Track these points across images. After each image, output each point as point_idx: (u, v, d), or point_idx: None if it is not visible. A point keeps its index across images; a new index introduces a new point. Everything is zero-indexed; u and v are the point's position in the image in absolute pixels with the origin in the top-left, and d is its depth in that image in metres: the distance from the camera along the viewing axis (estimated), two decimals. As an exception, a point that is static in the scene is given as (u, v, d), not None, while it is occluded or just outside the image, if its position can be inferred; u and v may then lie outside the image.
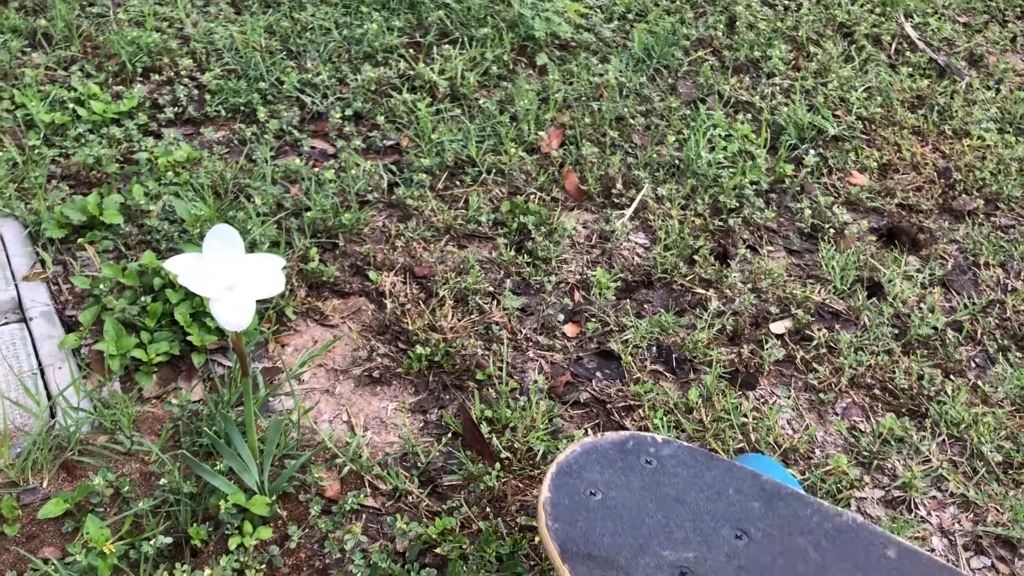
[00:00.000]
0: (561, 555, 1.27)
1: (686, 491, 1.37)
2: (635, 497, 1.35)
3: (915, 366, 1.97)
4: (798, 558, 1.28)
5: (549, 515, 1.31)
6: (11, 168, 2.23)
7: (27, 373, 1.76)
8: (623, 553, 1.27)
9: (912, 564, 1.29)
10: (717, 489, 1.37)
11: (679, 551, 1.28)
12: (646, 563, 1.26)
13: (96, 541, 1.47)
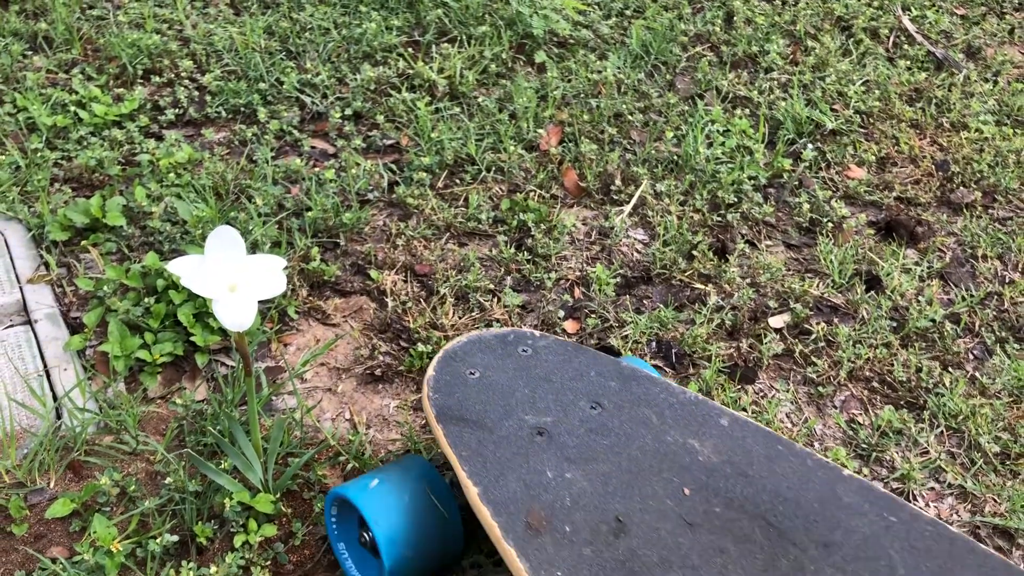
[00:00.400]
0: (437, 418, 1.46)
1: (553, 372, 1.57)
2: (508, 376, 1.55)
3: (913, 359, 1.98)
4: (641, 424, 1.48)
5: (431, 388, 1.51)
6: (14, 171, 2.25)
7: (33, 375, 1.78)
8: (490, 417, 1.47)
9: (740, 430, 1.49)
10: (581, 372, 1.57)
11: (540, 416, 1.48)
12: (509, 424, 1.46)
13: (103, 540, 1.49)
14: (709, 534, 1.31)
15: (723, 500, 1.37)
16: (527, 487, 1.36)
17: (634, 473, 1.39)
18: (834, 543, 1.32)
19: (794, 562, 1.29)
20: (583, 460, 1.40)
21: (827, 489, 1.40)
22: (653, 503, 1.35)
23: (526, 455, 1.41)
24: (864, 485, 1.42)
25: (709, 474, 1.41)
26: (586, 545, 1.28)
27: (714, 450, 1.45)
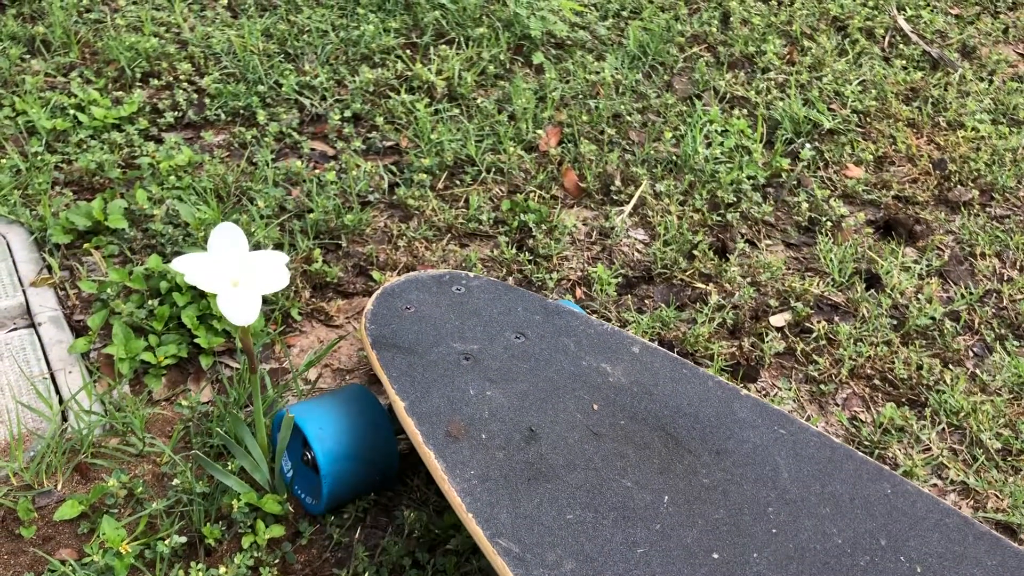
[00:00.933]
0: (372, 345, 1.58)
1: (483, 308, 1.70)
2: (441, 311, 1.67)
3: (914, 356, 2.00)
4: (560, 351, 1.61)
5: (369, 320, 1.64)
6: (15, 175, 2.25)
7: (38, 378, 1.78)
8: (421, 344, 1.59)
9: (650, 356, 1.63)
10: (509, 307, 1.71)
11: (467, 344, 1.60)
12: (438, 351, 1.58)
13: (112, 542, 1.49)
14: (612, 442, 1.45)
15: (628, 414, 1.50)
16: (450, 402, 1.49)
17: (549, 392, 1.53)
18: (726, 451, 1.46)
19: (688, 466, 1.42)
20: (504, 380, 1.54)
21: (724, 405, 1.54)
22: (564, 416, 1.48)
23: (451, 376, 1.53)
24: (758, 403, 1.56)
25: (617, 392, 1.54)
26: (499, 450, 1.42)
27: (624, 372, 1.58)
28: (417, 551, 1.59)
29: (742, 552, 1.32)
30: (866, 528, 1.38)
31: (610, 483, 1.39)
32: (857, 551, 1.34)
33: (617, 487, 1.38)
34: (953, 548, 1.36)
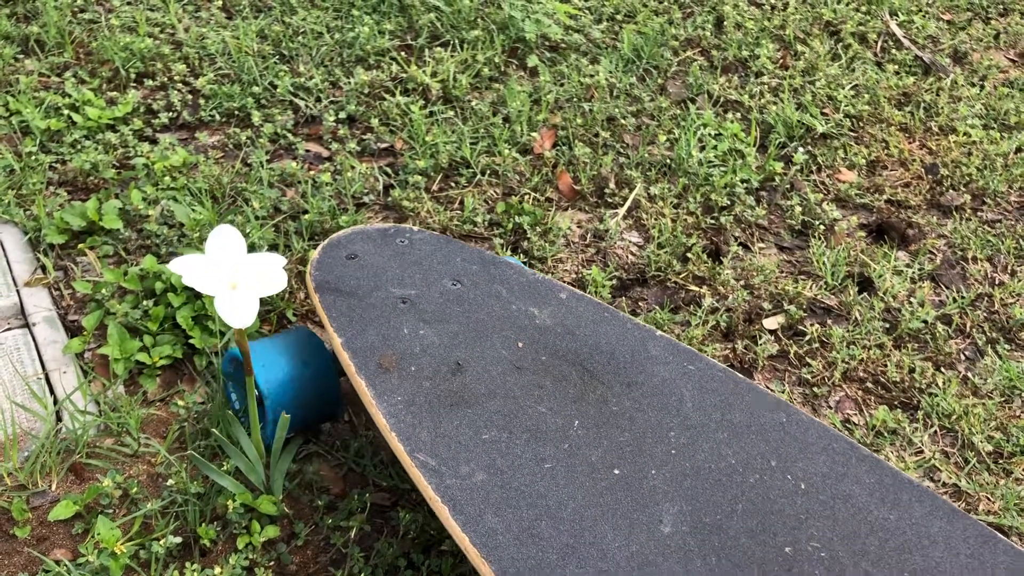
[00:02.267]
0: (315, 289, 1.68)
1: (424, 259, 1.79)
2: (384, 260, 1.77)
3: (906, 359, 2.00)
4: (493, 296, 1.72)
5: (314, 267, 1.74)
6: (8, 175, 2.25)
7: (32, 378, 1.78)
8: (361, 289, 1.70)
9: (576, 301, 1.74)
10: (448, 258, 1.80)
11: (405, 289, 1.71)
12: (377, 295, 1.69)
13: (107, 542, 1.49)
14: (532, 375, 1.57)
15: (549, 351, 1.62)
16: (384, 339, 1.60)
17: (478, 332, 1.64)
18: (636, 383, 1.58)
19: (600, 396, 1.54)
20: (436, 321, 1.65)
21: (639, 344, 1.66)
22: (490, 353, 1.60)
23: (388, 317, 1.64)
24: (671, 342, 1.68)
25: (542, 333, 1.65)
26: (426, 380, 1.54)
27: (550, 315, 1.70)
28: (412, 552, 1.59)
29: (642, 469, 1.43)
30: (759, 451, 1.49)
31: (526, 409, 1.51)
32: (748, 470, 1.45)
33: (532, 412, 1.50)
34: (837, 468, 1.48)
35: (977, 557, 1.38)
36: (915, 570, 1.35)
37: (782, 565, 1.33)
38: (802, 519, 1.39)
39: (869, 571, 1.34)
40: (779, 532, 1.37)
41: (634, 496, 1.39)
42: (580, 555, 1.31)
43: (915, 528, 1.41)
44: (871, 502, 1.44)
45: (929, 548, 1.38)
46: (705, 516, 1.38)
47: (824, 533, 1.38)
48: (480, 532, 1.32)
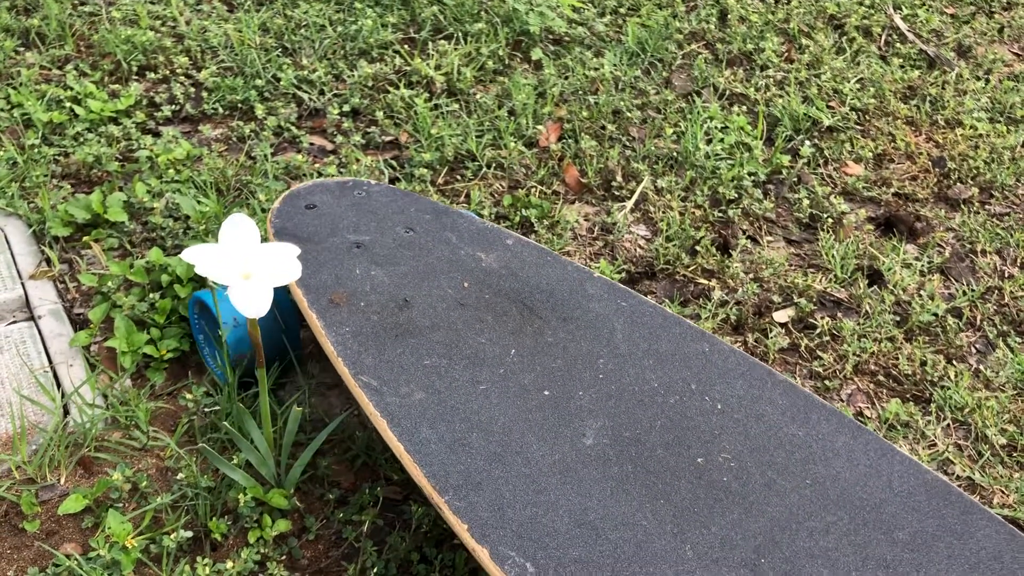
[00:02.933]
0: (274, 235, 1.78)
1: (380, 209, 1.89)
2: (341, 210, 1.87)
3: (918, 352, 1.99)
4: (443, 242, 1.81)
5: (275, 216, 1.83)
6: (11, 167, 2.23)
7: (39, 371, 1.76)
8: (318, 235, 1.79)
9: (522, 247, 1.83)
10: (403, 208, 1.90)
11: (360, 236, 1.80)
12: (333, 240, 1.78)
13: (118, 536, 1.47)
14: (475, 310, 1.67)
15: (493, 290, 1.72)
16: (337, 279, 1.70)
17: (426, 273, 1.74)
18: (572, 318, 1.68)
19: (537, 329, 1.64)
20: (388, 264, 1.75)
21: (577, 284, 1.76)
22: (436, 291, 1.70)
23: (341, 260, 1.74)
24: (608, 282, 1.79)
25: (487, 274, 1.76)
26: (375, 314, 1.64)
27: (496, 260, 1.80)
28: (425, 546, 1.58)
29: (570, 391, 1.54)
30: (680, 376, 1.59)
31: (467, 340, 1.61)
32: (669, 392, 1.56)
33: (472, 343, 1.61)
34: (752, 391, 1.58)
35: (875, 467, 1.48)
36: (817, 478, 1.44)
37: (693, 472, 1.43)
38: (716, 434, 1.50)
39: (774, 479, 1.44)
40: (693, 445, 1.47)
41: (561, 413, 1.50)
42: (506, 462, 1.41)
43: (820, 443, 1.50)
44: (782, 421, 1.53)
45: (832, 460, 1.48)
46: (625, 431, 1.48)
47: (735, 447, 1.48)
48: (415, 442, 1.43)
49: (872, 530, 1.39)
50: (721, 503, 1.39)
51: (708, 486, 1.41)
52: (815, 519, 1.39)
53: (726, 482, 1.42)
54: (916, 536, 1.38)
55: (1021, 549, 1.38)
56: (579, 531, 1.33)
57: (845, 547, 1.35)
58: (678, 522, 1.36)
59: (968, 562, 1.36)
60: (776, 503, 1.40)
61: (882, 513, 1.41)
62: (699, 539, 1.34)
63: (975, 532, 1.40)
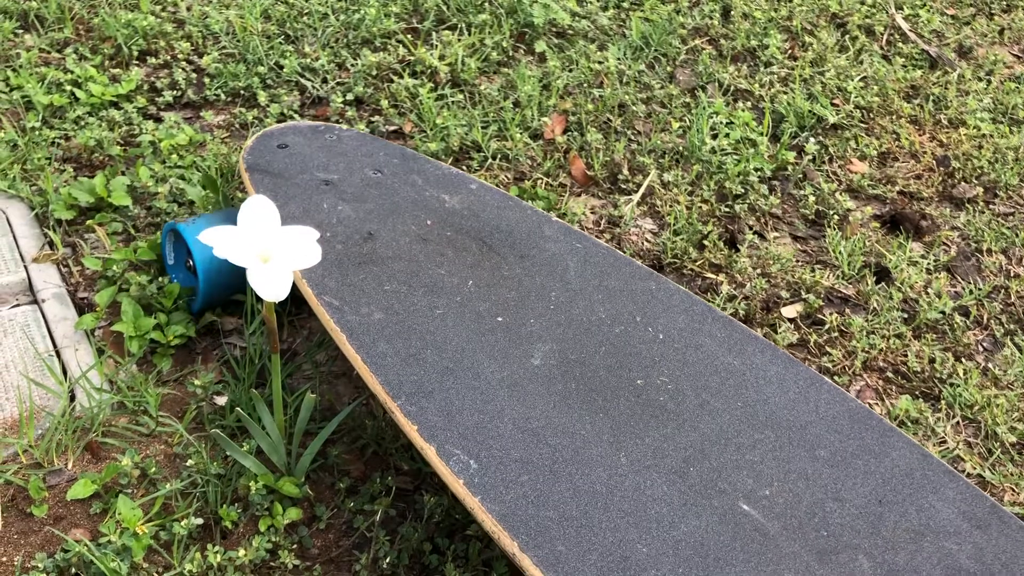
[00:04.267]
0: (247, 169, 1.86)
1: (350, 151, 1.97)
2: (312, 151, 1.95)
3: (926, 349, 1.99)
4: (409, 184, 1.91)
5: (248, 153, 1.91)
6: (12, 149, 2.20)
7: (44, 355, 1.73)
8: (289, 172, 1.87)
9: (485, 192, 1.93)
10: (372, 152, 1.99)
11: (329, 174, 1.89)
12: (303, 177, 1.87)
13: (128, 522, 1.45)
14: (436, 245, 1.76)
15: (454, 228, 1.80)
16: (304, 211, 1.78)
17: (391, 211, 1.82)
18: (528, 256, 1.77)
19: (494, 264, 1.73)
20: (355, 201, 1.83)
21: (536, 226, 1.85)
22: (400, 227, 1.78)
23: (310, 194, 1.83)
24: (564, 226, 1.88)
25: (450, 214, 1.84)
26: (339, 244, 1.72)
27: (459, 201, 1.88)
28: (437, 536, 1.56)
29: (522, 318, 1.63)
30: (627, 309, 1.69)
31: (427, 270, 1.70)
32: (615, 323, 1.65)
33: (432, 273, 1.69)
34: (693, 325, 1.68)
35: (803, 394, 1.58)
36: (748, 401, 1.55)
37: (632, 392, 1.53)
38: (656, 361, 1.60)
39: (707, 400, 1.54)
40: (633, 369, 1.57)
41: (512, 337, 1.59)
42: (457, 376, 1.50)
43: (754, 371, 1.61)
44: (719, 351, 1.64)
45: (763, 386, 1.58)
46: (571, 354, 1.58)
47: (673, 372, 1.58)
48: (372, 354, 1.52)
49: (796, 447, 1.48)
50: (656, 419, 1.49)
51: (645, 404, 1.51)
52: (743, 436, 1.49)
53: (662, 401, 1.52)
54: (836, 454, 1.48)
55: (931, 467, 1.50)
56: (521, 436, 1.42)
57: (769, 461, 1.45)
58: (615, 433, 1.45)
59: (882, 477, 1.46)
60: (707, 421, 1.50)
61: (806, 433, 1.51)
62: (633, 449, 1.44)
63: (891, 452, 1.51)
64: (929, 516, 1.42)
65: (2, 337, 1.76)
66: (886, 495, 1.44)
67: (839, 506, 1.41)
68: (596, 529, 1.32)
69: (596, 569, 1.27)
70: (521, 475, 1.36)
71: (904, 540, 1.38)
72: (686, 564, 1.30)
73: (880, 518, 1.41)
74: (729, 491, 1.40)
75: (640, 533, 1.32)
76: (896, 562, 1.36)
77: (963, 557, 1.38)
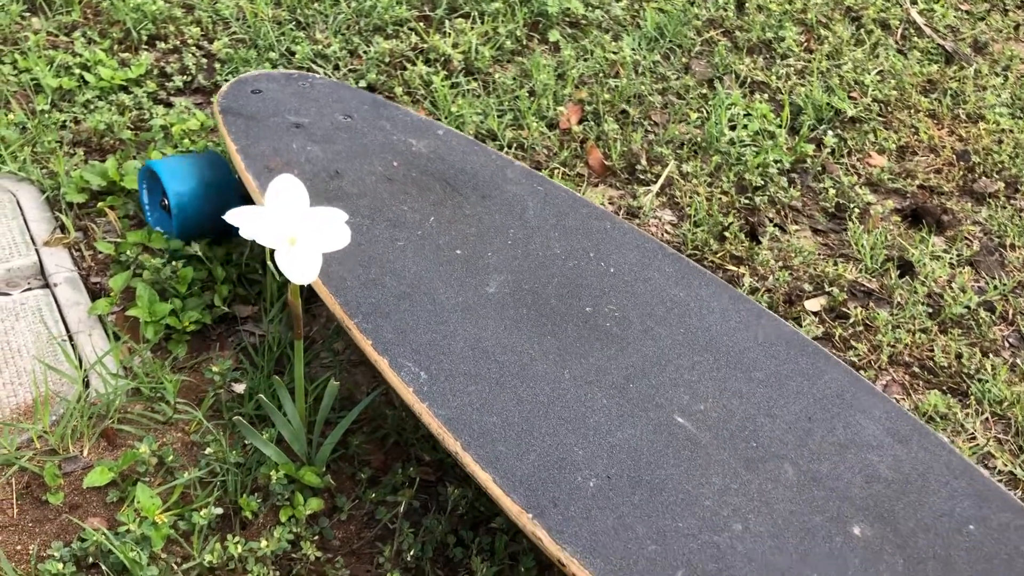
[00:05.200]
0: (220, 112, 1.90)
1: (322, 97, 2.03)
2: (286, 97, 2.00)
3: (953, 344, 1.96)
4: (378, 129, 1.96)
5: (222, 97, 1.96)
6: (21, 132, 2.15)
7: (57, 340, 1.69)
8: (261, 114, 1.92)
9: (452, 137, 1.99)
10: (343, 98, 2.05)
11: (300, 118, 1.93)
12: (275, 120, 1.92)
13: (148, 511, 1.41)
14: (401, 184, 1.81)
15: (420, 170, 1.86)
16: (275, 150, 1.83)
17: (360, 152, 1.87)
18: (490, 196, 1.83)
19: (456, 203, 1.79)
20: (324, 142, 1.88)
21: (499, 170, 1.91)
22: (367, 167, 1.84)
23: (280, 135, 1.88)
24: (527, 170, 1.94)
25: (416, 157, 1.90)
26: (306, 180, 1.76)
27: (426, 146, 1.94)
28: (461, 529, 1.52)
29: (480, 252, 1.69)
30: (581, 246, 1.76)
31: (390, 207, 1.75)
32: (569, 257, 1.72)
33: (395, 209, 1.75)
34: (644, 260, 1.75)
35: (744, 323, 1.65)
36: (690, 329, 1.62)
37: (580, 318, 1.60)
38: (606, 291, 1.67)
39: (652, 327, 1.61)
40: (583, 298, 1.64)
41: (469, 268, 1.65)
42: (414, 300, 1.57)
43: (699, 303, 1.68)
44: (667, 284, 1.71)
45: (707, 316, 1.66)
46: (525, 285, 1.65)
47: (621, 301, 1.65)
48: (331, 278, 1.57)
49: (733, 369, 1.56)
50: (601, 342, 1.56)
51: (592, 329, 1.58)
52: (683, 358, 1.56)
53: (608, 327, 1.59)
54: (771, 376, 1.56)
55: (860, 388, 1.58)
56: (471, 353, 1.49)
57: (706, 381, 1.53)
58: (561, 353, 1.53)
59: (814, 397, 1.54)
60: (650, 345, 1.58)
61: (744, 358, 1.59)
62: (577, 367, 1.51)
63: (823, 375, 1.59)
64: (855, 432, 1.50)
65: (14, 321, 1.71)
66: (816, 413, 1.52)
67: (770, 421, 1.49)
68: (536, 434, 1.39)
69: (533, 467, 1.35)
70: (468, 386, 1.44)
71: (829, 452, 1.46)
72: (619, 466, 1.37)
73: (808, 433, 1.49)
74: (665, 405, 1.48)
75: (578, 438, 1.40)
76: (819, 471, 1.43)
77: (883, 467, 1.46)
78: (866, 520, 1.38)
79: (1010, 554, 1.38)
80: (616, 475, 1.36)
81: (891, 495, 1.42)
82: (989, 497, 1.44)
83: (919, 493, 1.43)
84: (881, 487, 1.42)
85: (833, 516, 1.37)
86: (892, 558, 1.34)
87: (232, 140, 1.83)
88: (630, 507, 1.32)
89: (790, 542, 1.33)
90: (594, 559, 1.26)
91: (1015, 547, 1.39)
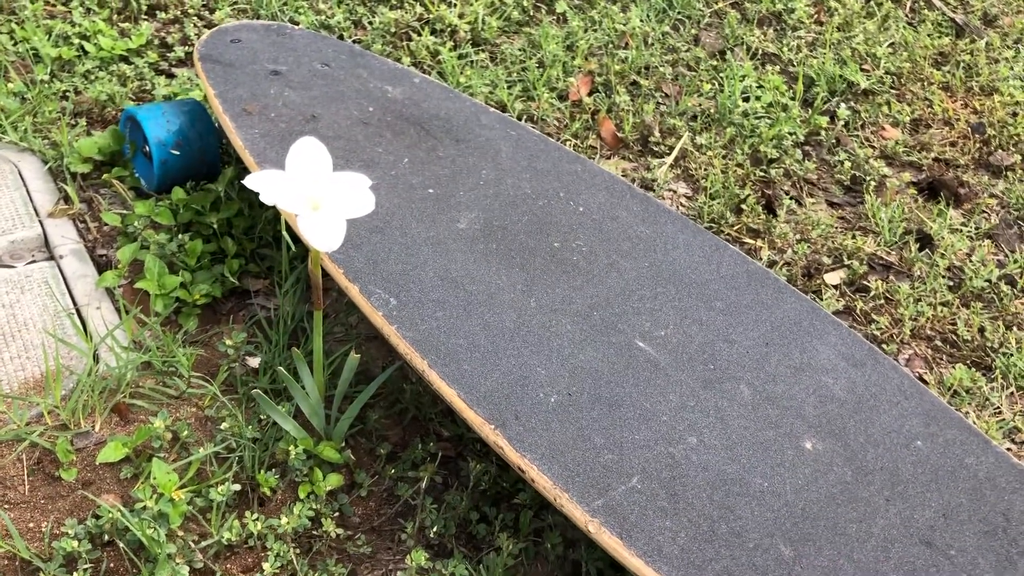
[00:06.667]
0: (199, 59, 1.91)
1: (300, 47, 2.05)
2: (264, 47, 2.02)
3: (975, 318, 1.93)
4: (354, 76, 1.98)
5: (201, 46, 1.96)
6: (21, 102, 2.10)
7: (66, 312, 1.64)
8: (239, 62, 1.93)
9: (428, 85, 2.02)
10: (321, 49, 2.06)
11: (278, 66, 1.96)
12: (252, 67, 1.93)
13: (164, 487, 1.37)
14: (376, 128, 1.83)
15: (395, 115, 1.89)
16: (252, 95, 1.84)
17: (336, 97, 1.90)
18: (464, 140, 1.86)
19: (430, 147, 1.82)
20: (301, 88, 1.90)
21: (473, 116, 1.94)
22: (343, 112, 1.86)
23: (258, 81, 1.89)
24: (501, 115, 1.98)
25: (391, 103, 1.92)
26: (282, 123, 1.78)
27: (402, 93, 1.97)
28: (483, 504, 1.49)
29: (452, 191, 1.72)
30: (552, 187, 1.80)
31: (365, 149, 1.77)
32: (539, 197, 1.76)
33: (370, 152, 1.77)
34: (612, 200, 1.80)
35: (707, 257, 1.71)
36: (655, 262, 1.67)
37: (548, 252, 1.64)
38: (574, 228, 1.71)
39: (617, 261, 1.65)
40: (552, 234, 1.68)
41: (440, 206, 1.68)
42: (385, 234, 1.59)
43: (664, 239, 1.73)
44: (634, 222, 1.75)
45: (671, 250, 1.71)
46: (495, 221, 1.68)
47: (589, 238, 1.69)
48: None
49: (694, 300, 1.61)
50: (568, 274, 1.61)
51: (559, 263, 1.62)
52: (646, 289, 1.61)
53: (575, 260, 1.63)
54: (731, 306, 1.62)
55: (817, 316, 1.64)
56: (440, 283, 1.53)
57: (668, 310, 1.58)
58: (528, 284, 1.57)
59: (772, 324, 1.60)
60: (615, 277, 1.62)
61: (706, 289, 1.64)
62: (543, 296, 1.55)
63: (782, 304, 1.64)
64: (810, 356, 1.56)
65: (20, 294, 1.67)
66: (773, 339, 1.57)
67: (728, 346, 1.54)
68: (501, 355, 1.43)
69: (497, 384, 1.39)
70: (436, 312, 1.47)
71: (784, 374, 1.51)
72: (580, 384, 1.41)
73: (765, 357, 1.54)
74: (627, 331, 1.52)
75: (541, 360, 1.44)
76: (775, 391, 1.48)
77: (837, 388, 1.52)
78: (818, 436, 1.43)
79: (954, 467, 1.44)
80: (576, 392, 1.40)
81: (843, 414, 1.47)
82: (937, 416, 1.51)
83: (870, 412, 1.49)
84: (834, 407, 1.48)
85: (786, 432, 1.42)
86: (841, 470, 1.39)
87: (211, 85, 1.84)
88: (589, 420, 1.37)
89: (743, 454, 1.38)
90: (552, 465, 1.30)
91: (959, 460, 1.45)
